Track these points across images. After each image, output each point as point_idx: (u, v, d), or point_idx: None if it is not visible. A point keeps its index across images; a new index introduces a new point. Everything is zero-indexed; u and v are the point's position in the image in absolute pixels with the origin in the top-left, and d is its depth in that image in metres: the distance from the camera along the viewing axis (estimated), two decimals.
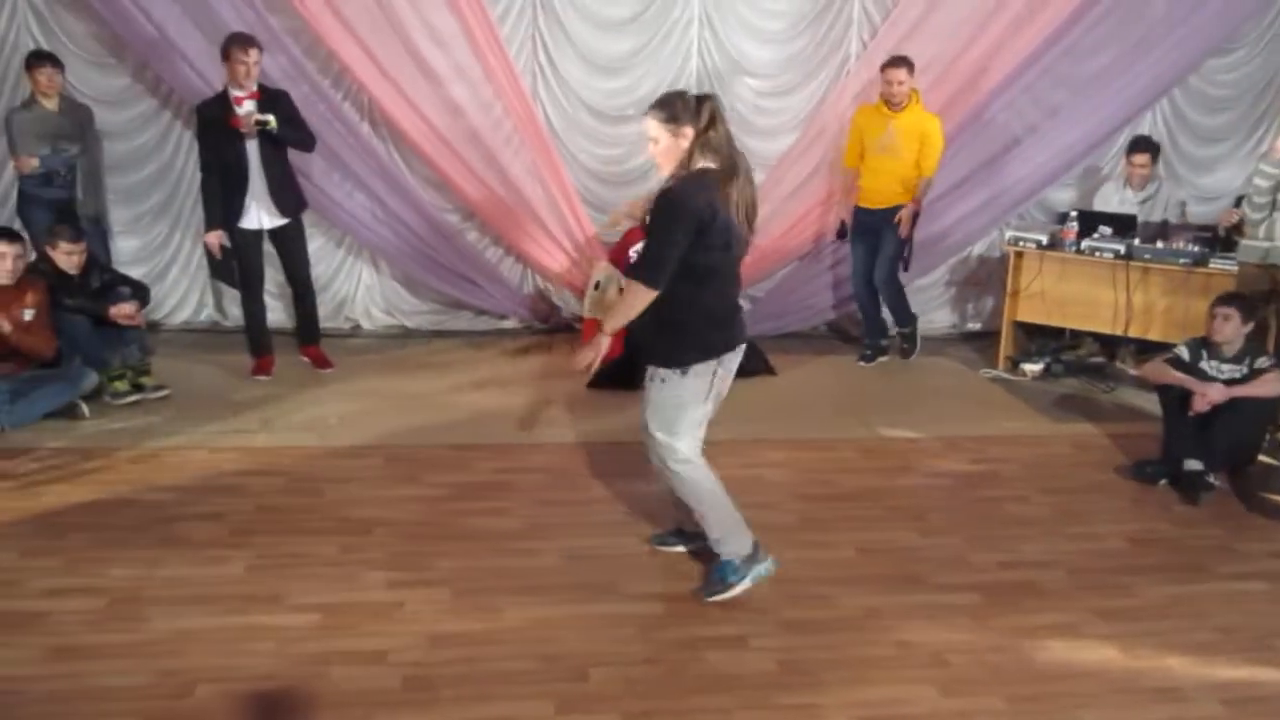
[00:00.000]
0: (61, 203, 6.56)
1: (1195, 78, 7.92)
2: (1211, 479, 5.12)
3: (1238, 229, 6.36)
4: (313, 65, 7.10)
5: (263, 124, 6.04)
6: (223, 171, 6.19)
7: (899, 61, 6.82)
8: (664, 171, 3.76)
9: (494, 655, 3.58)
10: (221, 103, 6.14)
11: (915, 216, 7.05)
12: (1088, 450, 5.76)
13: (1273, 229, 5.77)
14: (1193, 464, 5.12)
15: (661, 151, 3.72)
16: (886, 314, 7.46)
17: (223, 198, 6.22)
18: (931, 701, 3.41)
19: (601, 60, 7.53)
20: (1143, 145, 7.21)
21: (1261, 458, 5.52)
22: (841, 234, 7.38)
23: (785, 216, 7.72)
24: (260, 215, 6.33)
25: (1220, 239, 6.69)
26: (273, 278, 6.89)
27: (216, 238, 6.25)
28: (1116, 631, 3.86)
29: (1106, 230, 6.75)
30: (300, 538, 4.40)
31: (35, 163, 6.41)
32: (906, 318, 7.45)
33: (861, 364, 7.34)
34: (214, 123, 6.12)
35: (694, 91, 3.81)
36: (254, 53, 6.11)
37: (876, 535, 4.61)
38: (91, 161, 6.69)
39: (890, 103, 6.88)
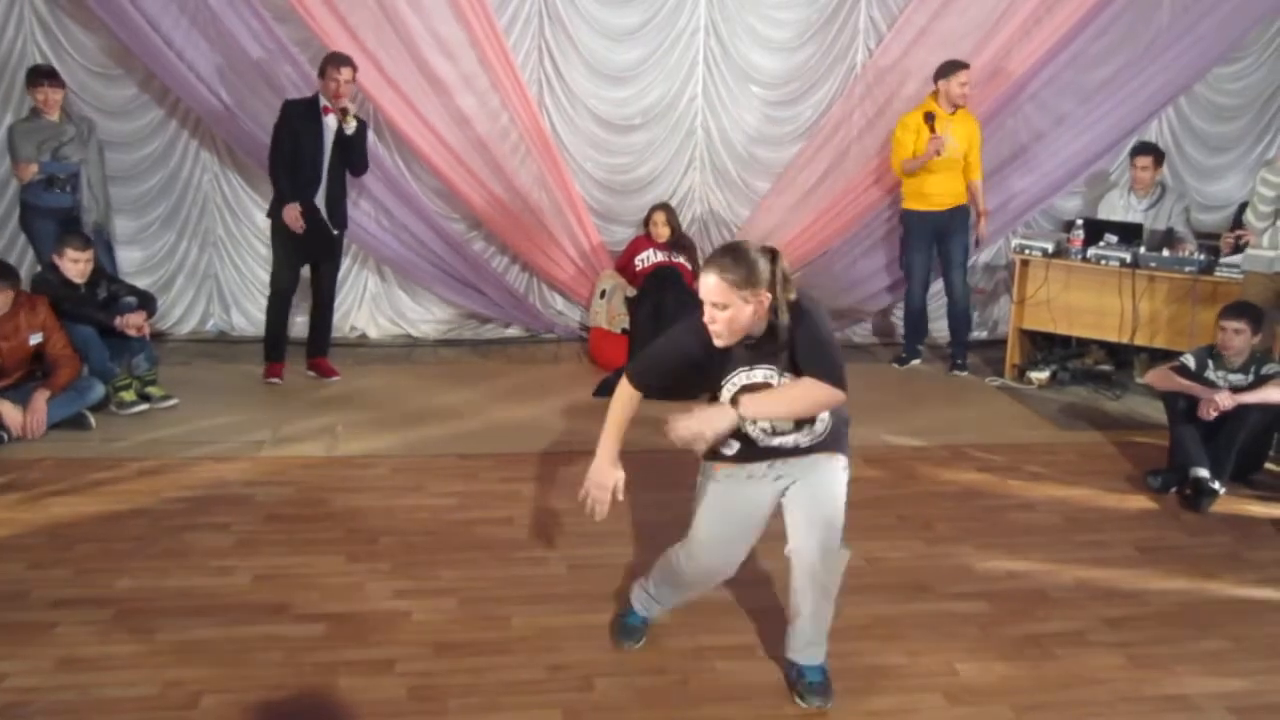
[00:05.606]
0: (64, 211, 6.54)
1: (1201, 86, 7.94)
2: (1217, 486, 5.10)
3: (1239, 249, 6.32)
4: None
5: (346, 111, 6.28)
6: (294, 169, 6.31)
7: (965, 65, 6.91)
8: (729, 341, 3.12)
9: (500, 665, 3.58)
10: (309, 106, 6.37)
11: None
12: (1095, 458, 5.75)
13: (1276, 237, 5.76)
14: (1198, 471, 5.11)
15: (730, 320, 3.05)
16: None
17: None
18: (940, 710, 3.40)
19: (608, 69, 7.55)
20: (1146, 149, 7.24)
21: (1269, 466, 5.51)
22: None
23: (790, 226, 7.73)
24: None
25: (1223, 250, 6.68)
26: None
27: (296, 210, 6.31)
28: (1125, 640, 3.85)
29: (1112, 238, 6.74)
30: (307, 548, 4.40)
31: (34, 168, 6.41)
32: (969, 327, 7.53)
33: (896, 365, 7.44)
34: (298, 119, 6.31)
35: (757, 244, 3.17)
36: (346, 71, 6.33)
37: (884, 544, 4.59)
38: (94, 172, 6.69)
39: (956, 105, 6.95)
